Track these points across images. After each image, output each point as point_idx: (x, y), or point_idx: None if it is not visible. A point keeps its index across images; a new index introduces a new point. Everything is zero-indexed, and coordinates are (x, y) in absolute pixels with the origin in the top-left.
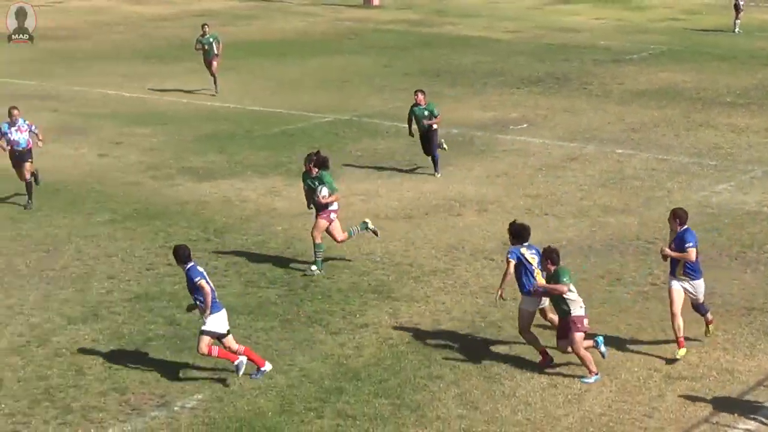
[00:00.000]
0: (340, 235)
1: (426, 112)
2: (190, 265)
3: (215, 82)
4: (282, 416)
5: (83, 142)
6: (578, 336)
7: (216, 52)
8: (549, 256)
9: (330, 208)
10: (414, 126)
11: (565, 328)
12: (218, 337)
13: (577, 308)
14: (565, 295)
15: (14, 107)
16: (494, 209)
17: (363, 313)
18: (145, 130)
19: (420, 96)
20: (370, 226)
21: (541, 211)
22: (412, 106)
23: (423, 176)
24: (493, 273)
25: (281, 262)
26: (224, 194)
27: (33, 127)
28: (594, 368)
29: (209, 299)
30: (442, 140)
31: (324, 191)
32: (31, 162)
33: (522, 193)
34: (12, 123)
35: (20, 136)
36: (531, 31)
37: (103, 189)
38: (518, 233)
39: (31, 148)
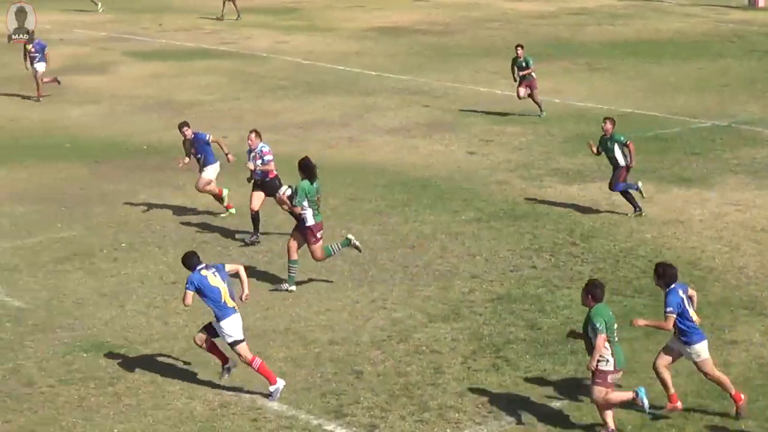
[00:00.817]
0: (319, 253)
1: (609, 144)
2: (191, 272)
3: (539, 106)
4: (642, 430)
5: (453, 138)
6: (597, 390)
7: (533, 76)
8: (591, 290)
9: (309, 226)
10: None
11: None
12: (231, 344)
13: (603, 363)
14: (593, 344)
15: (252, 131)
16: None
17: (732, 328)
18: (515, 129)
19: (608, 124)
20: (354, 241)
21: None
22: (601, 136)
23: None
24: None
25: (649, 270)
26: (593, 197)
27: (266, 158)
28: (612, 425)
29: (184, 302)
30: (639, 183)
31: (285, 189)
32: (267, 194)
33: None
34: (250, 149)
35: (256, 163)
36: None
37: (470, 187)
38: (663, 273)
39: (272, 178)
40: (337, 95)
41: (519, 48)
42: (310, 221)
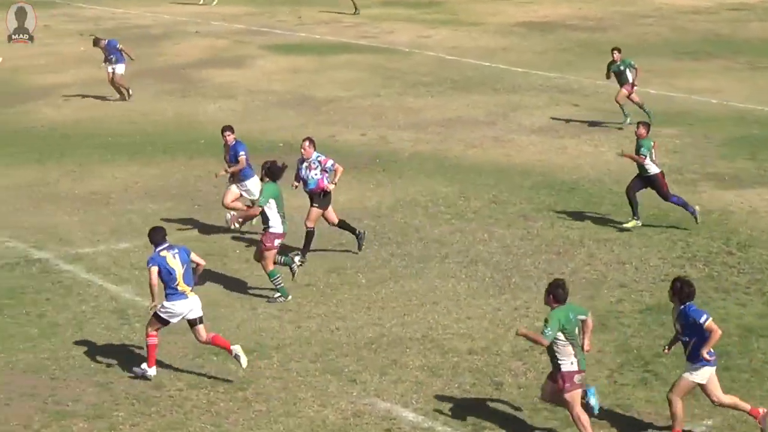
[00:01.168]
0: (269, 264)
1: (642, 149)
2: (155, 250)
3: (623, 112)
4: None
5: (603, 139)
6: (569, 396)
7: (630, 80)
8: (552, 291)
9: (271, 231)
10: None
11: (554, 381)
12: (190, 324)
13: (567, 363)
14: (554, 347)
15: (306, 139)
16: None
17: None
18: (670, 131)
19: (641, 128)
20: (294, 267)
21: None
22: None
23: None
24: None
25: None
26: (751, 204)
27: (329, 164)
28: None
29: (153, 290)
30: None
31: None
32: (320, 208)
33: None
34: (303, 158)
35: (309, 174)
36: None
37: (620, 190)
38: (679, 289)
39: (323, 191)
40: (482, 93)
41: (615, 51)
42: (279, 228)
